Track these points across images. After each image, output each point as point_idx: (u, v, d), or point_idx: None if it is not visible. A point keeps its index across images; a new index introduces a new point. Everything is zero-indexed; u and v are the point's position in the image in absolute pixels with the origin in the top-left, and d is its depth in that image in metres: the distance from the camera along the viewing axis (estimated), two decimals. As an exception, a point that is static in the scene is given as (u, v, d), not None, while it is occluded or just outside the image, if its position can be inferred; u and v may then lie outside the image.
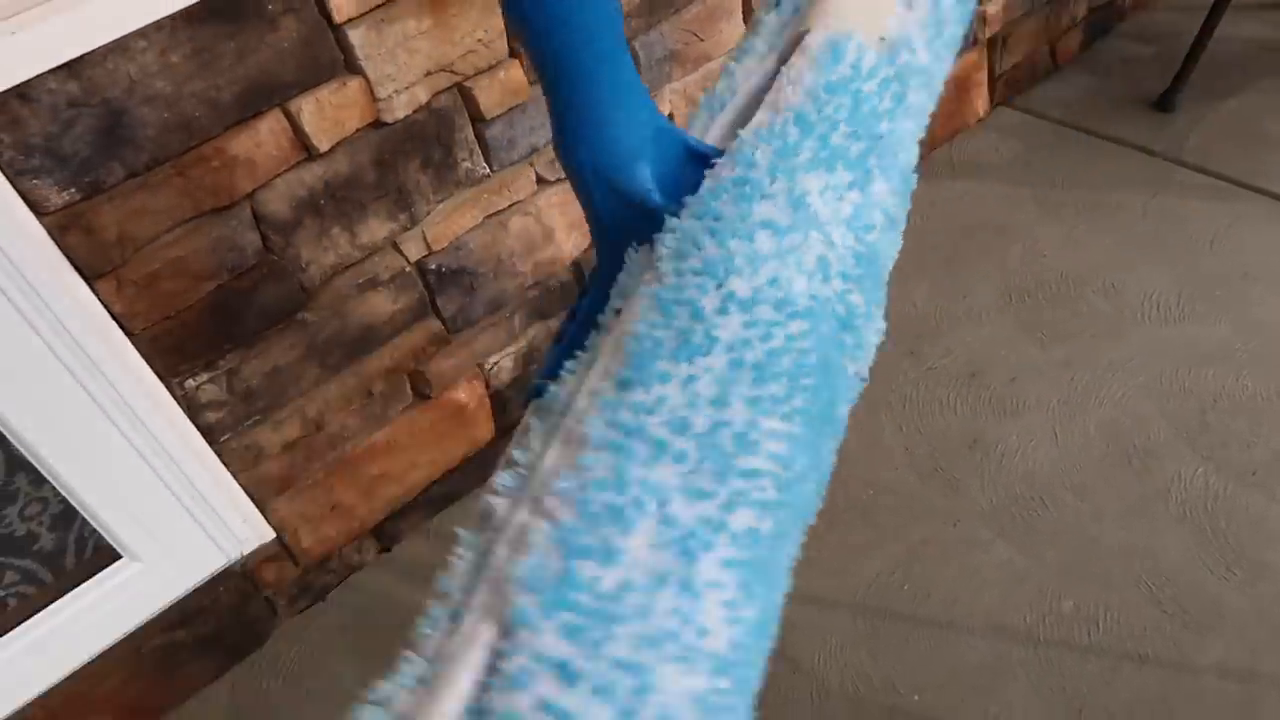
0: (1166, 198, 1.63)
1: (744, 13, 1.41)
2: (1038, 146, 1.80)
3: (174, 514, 1.19)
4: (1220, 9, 1.69)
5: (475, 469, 1.46)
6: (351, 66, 1.07)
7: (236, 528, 1.25)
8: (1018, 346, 1.46)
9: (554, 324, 1.43)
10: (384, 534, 1.41)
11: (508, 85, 1.20)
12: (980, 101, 1.87)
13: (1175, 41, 1.82)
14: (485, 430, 1.45)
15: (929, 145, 1.80)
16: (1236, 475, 1.23)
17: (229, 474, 1.20)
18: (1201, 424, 1.30)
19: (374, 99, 1.09)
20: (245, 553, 1.27)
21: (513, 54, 1.20)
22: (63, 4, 0.87)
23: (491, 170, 1.25)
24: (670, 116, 1.40)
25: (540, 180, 1.31)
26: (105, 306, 1.02)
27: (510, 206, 1.29)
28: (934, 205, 1.73)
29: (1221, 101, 1.78)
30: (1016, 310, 1.52)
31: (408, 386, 1.33)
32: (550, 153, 1.29)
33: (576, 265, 1.42)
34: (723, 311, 0.36)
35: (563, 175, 1.31)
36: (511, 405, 1.45)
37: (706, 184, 0.39)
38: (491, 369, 1.41)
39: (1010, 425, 1.36)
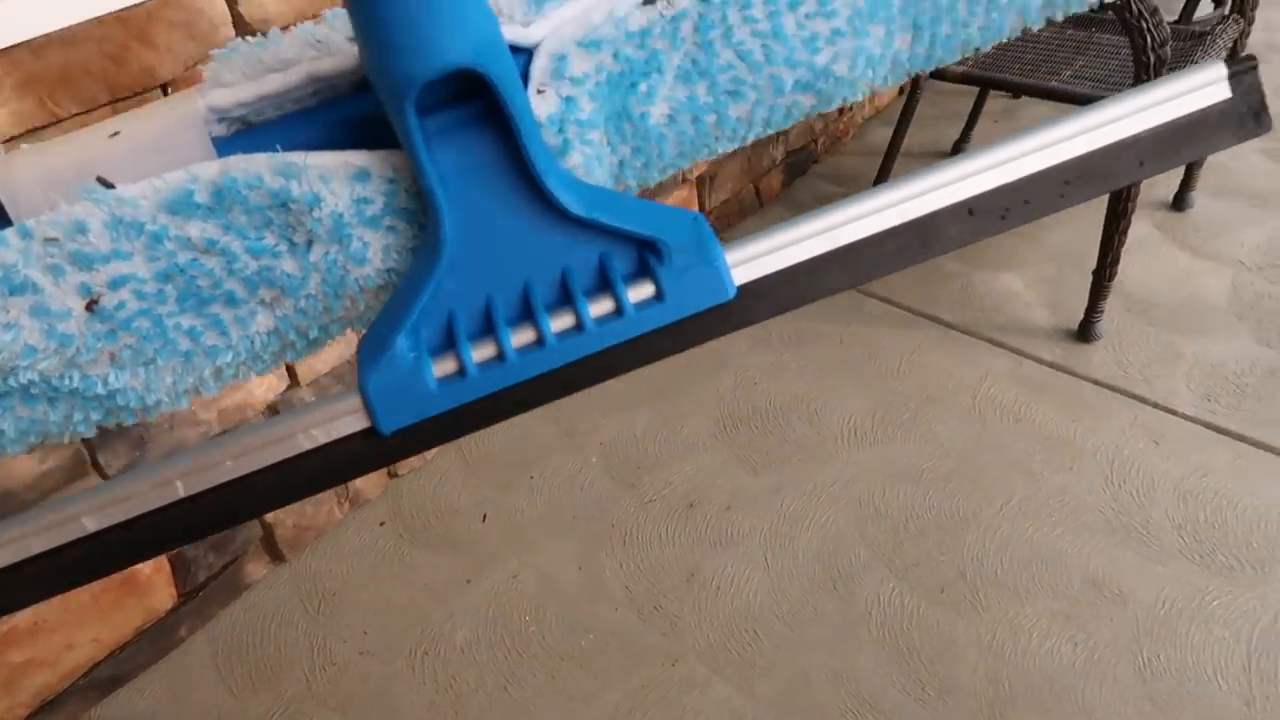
0: (860, 326, 1.76)
1: None
2: (747, 278, 1.90)
3: None
4: (893, 156, 1.89)
5: (151, 642, 1.28)
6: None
7: None
8: (732, 475, 1.50)
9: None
10: (31, 733, 1.20)
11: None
12: (694, 235, 1.96)
13: (862, 182, 2.01)
14: (165, 597, 1.28)
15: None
16: (927, 594, 1.30)
17: None
18: (896, 544, 1.37)
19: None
20: None
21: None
22: None
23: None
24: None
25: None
26: None
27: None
28: (653, 335, 1.77)
29: (901, 238, 1.97)
30: (731, 438, 1.56)
31: (62, 556, 1.16)
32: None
33: (272, 409, 1.32)
34: None
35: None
36: (197, 566, 1.30)
37: None
38: None
39: (726, 555, 1.38)
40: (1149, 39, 1.33)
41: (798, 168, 2.18)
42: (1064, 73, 1.67)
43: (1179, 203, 1.95)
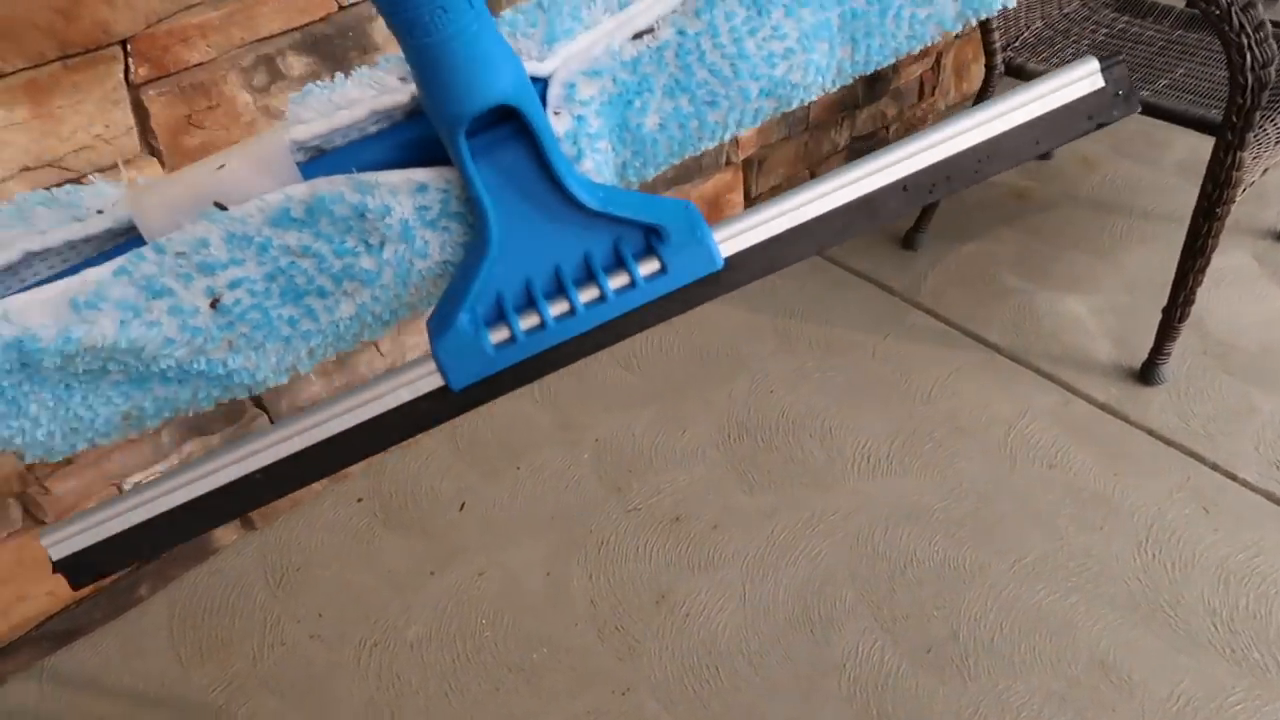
0: (897, 341, 1.62)
1: None
2: (785, 273, 1.78)
3: None
4: (962, 155, 1.72)
5: (109, 599, 1.28)
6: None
7: None
8: (726, 490, 1.40)
9: (215, 439, 1.28)
10: (-19, 677, 1.21)
11: (140, 184, 1.06)
12: (736, 220, 1.84)
13: (926, 180, 1.85)
14: (127, 555, 1.27)
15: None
16: (911, 652, 1.19)
17: None
18: (888, 590, 1.26)
19: (-57, 194, 0.94)
20: None
21: (151, 151, 1.06)
22: None
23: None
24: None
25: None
26: None
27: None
28: (675, 326, 1.67)
29: (961, 245, 1.81)
30: (734, 449, 1.46)
31: (16, 510, 1.15)
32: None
33: (247, 377, 1.28)
34: None
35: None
36: (162, 528, 1.28)
37: None
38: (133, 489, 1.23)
39: (702, 580, 1.29)
40: (1249, 57, 1.14)
41: (864, 153, 2.02)
42: (1159, 82, 1.47)
43: (1287, 232, 1.73)
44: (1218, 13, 1.16)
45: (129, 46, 1.00)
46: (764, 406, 1.53)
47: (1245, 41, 1.15)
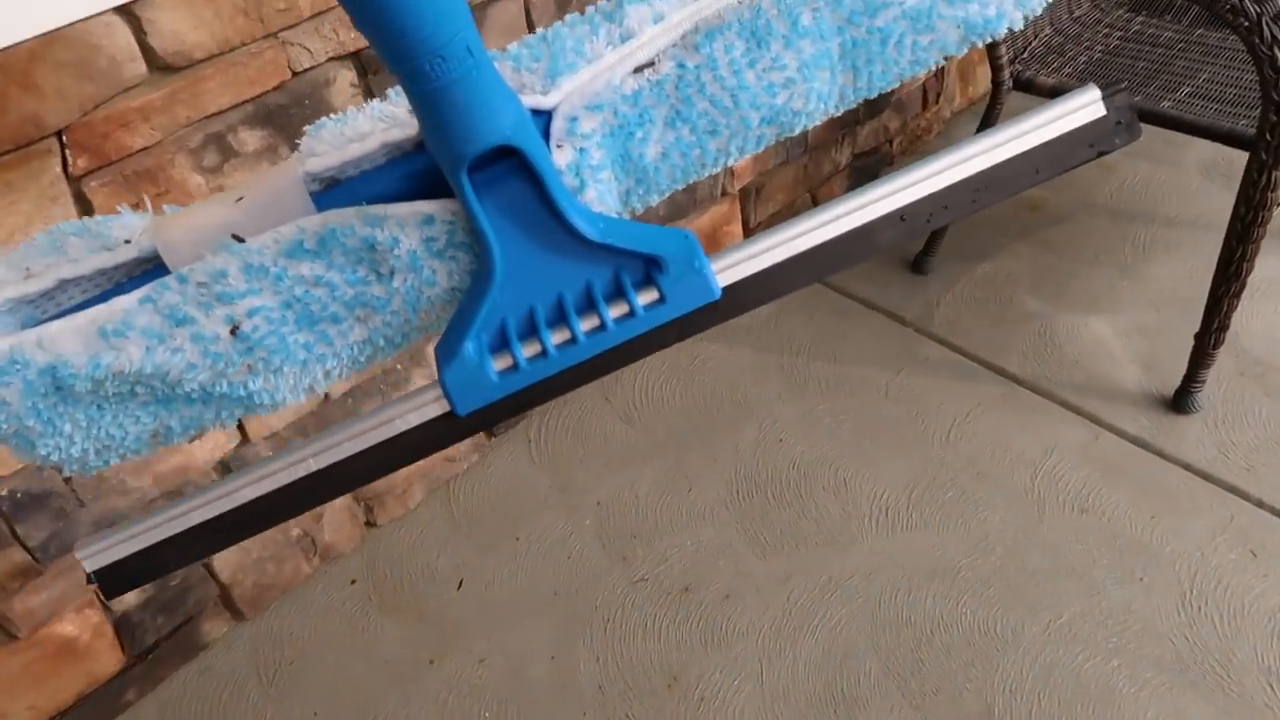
0: (910, 376, 1.54)
1: None
2: (790, 305, 1.69)
3: None
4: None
5: (96, 706, 1.21)
6: None
7: None
8: (737, 555, 1.32)
9: (194, 536, 1.21)
10: (-39, 802, 1.15)
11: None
12: (737, 252, 1.76)
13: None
14: (110, 661, 1.21)
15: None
16: (943, 731, 1.11)
17: None
18: (915, 661, 1.18)
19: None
20: None
21: (99, 246, 0.99)
22: None
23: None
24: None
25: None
26: None
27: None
28: (676, 369, 1.59)
29: (974, 266, 1.71)
30: (743, 508, 1.38)
31: (-14, 627, 1.09)
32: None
33: (224, 466, 1.21)
34: None
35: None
36: (144, 628, 1.22)
37: None
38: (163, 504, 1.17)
39: (716, 658, 1.21)
40: None
41: (868, 171, 1.93)
42: (1181, 90, 1.37)
43: (1323, 236, 1.63)
44: (1247, 25, 1.07)
45: (64, 137, 0.93)
46: (773, 458, 1.45)
47: (1278, 54, 1.06)
